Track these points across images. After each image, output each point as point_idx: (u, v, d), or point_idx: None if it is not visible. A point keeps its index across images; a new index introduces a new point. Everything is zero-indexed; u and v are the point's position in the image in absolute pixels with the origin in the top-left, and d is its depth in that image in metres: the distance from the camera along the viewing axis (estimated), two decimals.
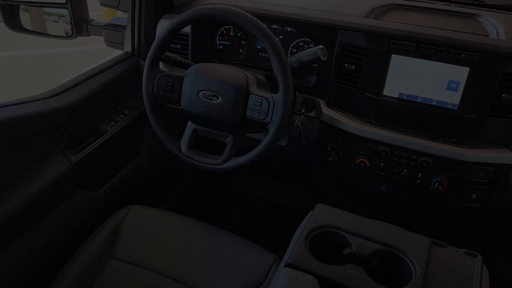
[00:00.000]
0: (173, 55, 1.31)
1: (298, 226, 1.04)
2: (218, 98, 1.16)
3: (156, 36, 1.24)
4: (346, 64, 1.24)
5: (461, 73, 1.13)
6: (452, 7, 1.45)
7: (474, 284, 0.85)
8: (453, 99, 1.16)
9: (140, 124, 1.58)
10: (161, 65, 1.48)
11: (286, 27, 1.35)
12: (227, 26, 1.44)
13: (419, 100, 1.20)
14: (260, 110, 1.13)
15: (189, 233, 1.26)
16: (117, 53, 1.59)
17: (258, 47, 1.43)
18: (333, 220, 0.96)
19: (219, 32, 1.46)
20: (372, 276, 0.87)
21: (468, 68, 1.11)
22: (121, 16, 1.62)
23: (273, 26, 1.36)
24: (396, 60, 1.18)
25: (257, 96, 1.14)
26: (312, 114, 1.34)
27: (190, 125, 1.26)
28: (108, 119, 1.46)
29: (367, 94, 1.23)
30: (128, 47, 1.57)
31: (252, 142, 1.28)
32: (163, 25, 1.47)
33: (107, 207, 1.50)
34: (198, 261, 1.19)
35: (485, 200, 1.23)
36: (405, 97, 1.21)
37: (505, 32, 1.18)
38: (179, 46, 1.45)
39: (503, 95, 1.10)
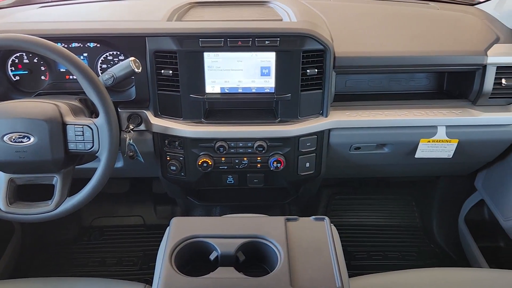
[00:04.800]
0: None
1: (159, 246, 0.99)
2: (29, 139, 1.01)
3: None
4: (162, 71, 1.21)
5: (269, 58, 1.21)
6: None
7: (328, 242, 0.94)
8: (269, 83, 1.24)
9: None
10: None
11: (88, 44, 1.25)
12: (18, 54, 1.26)
13: (240, 90, 1.25)
14: (84, 140, 1.03)
15: None
16: None
17: (61, 69, 1.29)
18: (192, 230, 0.95)
19: (9, 62, 1.27)
20: (244, 271, 0.88)
21: (274, 53, 1.20)
22: None
23: (72, 45, 1.24)
24: (210, 58, 1.20)
25: (76, 126, 1.03)
26: (142, 127, 1.29)
27: (2, 177, 1.07)
28: None
29: (191, 96, 1.23)
30: None
31: (87, 173, 1.16)
32: None
33: None
34: None
35: (317, 165, 1.37)
36: (227, 91, 1.25)
37: (295, 15, 1.31)
38: None
39: (308, 70, 1.22)
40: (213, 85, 1.24)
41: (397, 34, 1.35)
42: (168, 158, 1.32)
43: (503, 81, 1.28)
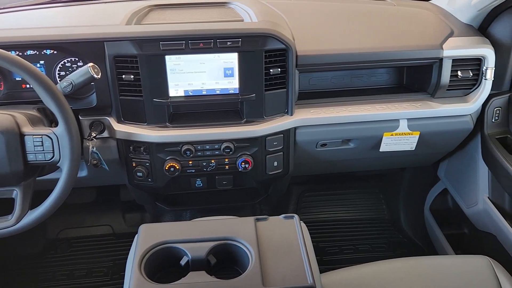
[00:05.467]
0: None
1: (128, 255, 0.98)
2: None
3: None
4: (123, 76, 1.19)
5: (232, 59, 1.21)
6: None
7: (298, 240, 0.95)
8: (233, 84, 1.24)
9: None
10: None
11: (44, 51, 1.21)
12: None
13: (204, 93, 1.24)
14: (43, 150, 1.00)
15: None
16: None
17: (17, 78, 1.24)
18: (161, 236, 0.94)
19: None
20: (216, 274, 0.88)
21: (236, 54, 1.20)
22: None
23: (28, 53, 1.20)
24: (171, 61, 1.19)
25: (34, 136, 0.99)
26: (105, 134, 1.26)
27: None
28: None
29: (154, 100, 1.21)
30: None
31: (49, 184, 1.12)
32: None
33: None
34: None
35: (284, 164, 1.38)
36: (191, 94, 1.23)
37: (256, 15, 1.31)
38: None
39: (271, 70, 1.23)
40: (176, 89, 1.22)
41: (357, 31, 1.38)
42: (134, 165, 1.29)
43: (459, 73, 1.33)
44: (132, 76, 1.18)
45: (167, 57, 1.18)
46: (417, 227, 1.93)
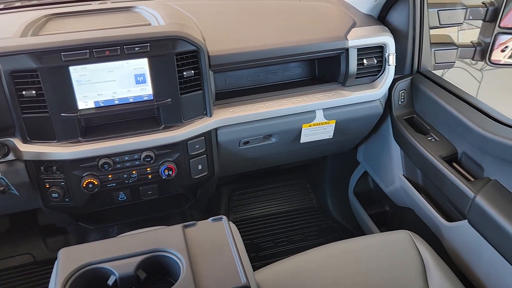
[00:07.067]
0: None
1: (49, 284, 0.91)
2: None
3: None
4: (24, 92, 1.10)
5: (142, 65, 1.17)
6: (109, 4, 1.47)
7: (229, 241, 0.94)
8: (146, 90, 1.20)
9: None
10: None
11: None
12: None
13: (117, 102, 1.19)
14: None
15: None
16: None
17: None
18: (83, 258, 0.88)
19: None
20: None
21: (146, 59, 1.16)
22: None
23: None
24: (76, 71, 1.12)
25: None
26: (11, 157, 1.16)
27: None
28: None
29: (62, 115, 1.13)
30: None
31: None
32: None
33: None
34: None
35: (209, 166, 1.36)
36: (102, 104, 1.17)
37: (162, 18, 1.28)
38: None
39: (184, 73, 1.20)
40: (85, 100, 1.15)
41: (266, 27, 1.40)
42: (47, 186, 1.21)
43: (365, 61, 1.40)
44: (34, 92, 1.10)
45: (71, 68, 1.11)
46: (344, 211, 2.02)
